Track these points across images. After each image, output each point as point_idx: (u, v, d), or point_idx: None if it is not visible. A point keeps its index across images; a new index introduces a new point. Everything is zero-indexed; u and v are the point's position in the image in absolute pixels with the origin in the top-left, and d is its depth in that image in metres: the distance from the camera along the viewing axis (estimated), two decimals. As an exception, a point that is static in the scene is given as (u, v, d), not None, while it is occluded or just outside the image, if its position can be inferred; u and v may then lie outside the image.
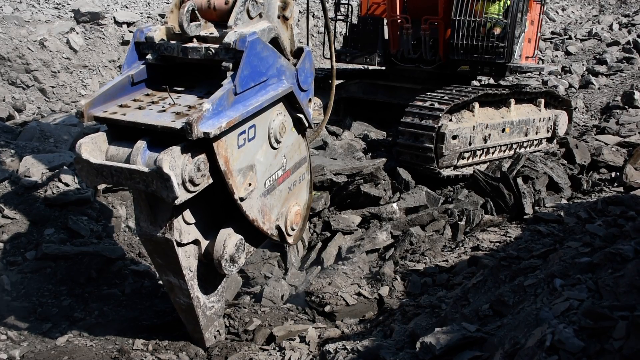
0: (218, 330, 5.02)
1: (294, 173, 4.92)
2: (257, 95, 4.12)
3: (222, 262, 4.32)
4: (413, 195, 7.93)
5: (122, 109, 4.02)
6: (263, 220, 4.54)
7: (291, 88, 4.47)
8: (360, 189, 7.78)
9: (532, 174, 8.48)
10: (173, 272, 4.39)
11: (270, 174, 4.52)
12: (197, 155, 3.76)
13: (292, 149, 4.81)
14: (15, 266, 6.04)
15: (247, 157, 4.15)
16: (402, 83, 11.07)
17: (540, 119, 10.97)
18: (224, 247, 4.33)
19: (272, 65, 4.26)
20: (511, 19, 9.41)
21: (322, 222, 7.49)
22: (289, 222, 4.93)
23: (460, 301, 4.84)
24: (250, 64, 3.96)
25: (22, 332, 5.15)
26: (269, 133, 4.38)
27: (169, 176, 3.53)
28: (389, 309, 5.46)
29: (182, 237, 4.18)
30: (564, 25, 23.86)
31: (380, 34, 10.86)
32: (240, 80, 3.88)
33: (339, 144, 9.55)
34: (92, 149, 3.90)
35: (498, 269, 5.08)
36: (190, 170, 3.71)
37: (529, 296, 4.11)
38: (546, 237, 6.07)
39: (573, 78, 16.16)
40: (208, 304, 4.74)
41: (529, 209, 7.68)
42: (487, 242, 6.71)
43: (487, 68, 9.99)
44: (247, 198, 4.23)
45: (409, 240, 6.72)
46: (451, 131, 8.92)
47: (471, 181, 8.66)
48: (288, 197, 4.90)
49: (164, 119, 3.78)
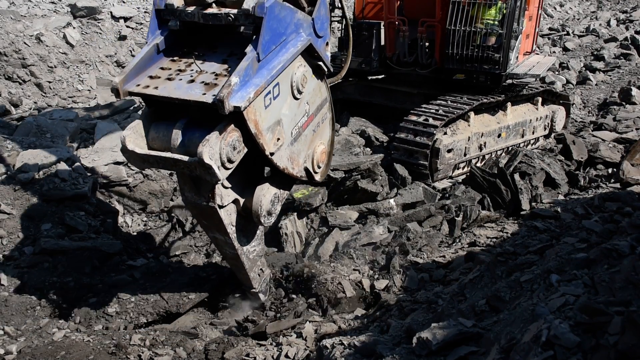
0: (261, 268, 5.52)
1: (317, 115, 5.10)
2: (279, 56, 4.22)
3: (260, 217, 4.73)
4: (410, 192, 7.93)
5: (153, 81, 4.15)
6: (292, 166, 4.81)
7: (309, 41, 4.56)
8: (358, 185, 7.78)
9: (529, 170, 8.49)
10: (218, 230, 4.80)
11: (295, 123, 4.71)
12: (232, 135, 3.98)
13: (314, 94, 4.97)
14: (12, 261, 6.03)
15: (274, 114, 4.33)
16: (398, 86, 10.94)
17: (537, 118, 10.94)
18: (261, 204, 4.69)
19: (290, 23, 4.34)
20: (507, 29, 9.27)
21: (320, 217, 7.49)
22: (316, 161, 5.19)
23: (457, 297, 4.85)
24: (270, 29, 4.04)
25: (19, 327, 5.15)
26: (291, 86, 4.52)
27: (210, 165, 3.80)
28: (386, 304, 5.47)
29: (223, 200, 4.55)
30: (562, 21, 23.84)
31: (376, 37, 10.65)
32: (262, 47, 3.98)
33: (337, 140, 9.53)
34: (135, 138, 4.12)
35: (495, 265, 5.08)
36: (227, 152, 3.97)
37: (525, 292, 4.12)
38: (543, 233, 6.08)
39: (570, 74, 16.15)
40: (250, 249, 5.20)
41: (526, 205, 7.69)
42: (484, 237, 6.72)
43: (483, 77, 9.82)
44: (278, 150, 4.47)
45: (406, 235, 6.72)
46: (446, 145, 8.83)
47: (469, 177, 8.66)
48: (313, 138, 5.12)
49: (195, 91, 3.94)
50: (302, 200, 7.39)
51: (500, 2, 9.23)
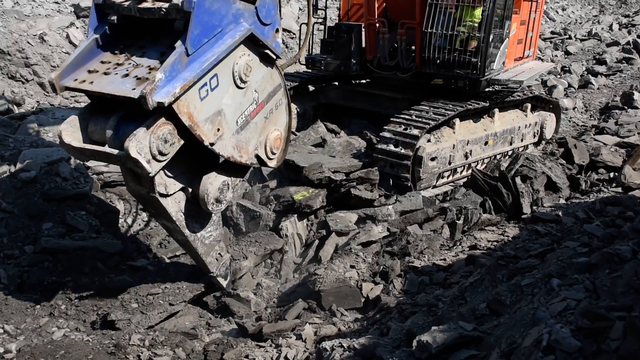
0: (219, 253, 5.54)
1: (270, 102, 5.14)
2: (213, 48, 4.26)
3: (208, 205, 4.80)
4: (410, 199, 7.87)
5: (91, 75, 4.25)
6: (240, 154, 4.88)
7: (250, 30, 4.55)
8: (351, 192, 7.70)
9: (531, 173, 8.48)
10: (166, 218, 4.87)
11: (241, 111, 4.76)
12: (162, 129, 4.09)
13: (263, 82, 5.00)
14: (12, 259, 6.03)
15: (212, 105, 4.39)
16: (381, 91, 10.59)
17: (526, 125, 10.67)
18: (207, 192, 4.76)
19: (226, 14, 4.35)
20: (485, 33, 8.90)
21: (319, 221, 7.48)
22: (269, 147, 5.25)
23: (457, 300, 4.84)
24: (200, 23, 4.07)
25: (19, 326, 5.14)
26: (233, 76, 4.56)
27: (137, 159, 3.95)
28: (386, 307, 5.46)
29: (169, 189, 4.61)
30: (564, 25, 23.84)
31: (356, 40, 10.30)
32: (191, 41, 4.04)
33: (338, 142, 9.52)
34: (72, 131, 4.26)
35: (495, 268, 5.08)
36: (158, 145, 4.08)
37: (526, 296, 4.11)
38: (544, 236, 6.08)
39: (572, 78, 16.15)
40: (206, 235, 5.26)
41: (527, 209, 7.68)
42: (485, 241, 6.71)
43: (462, 82, 9.45)
44: (219, 140, 4.53)
45: (406, 239, 6.71)
46: (429, 154, 8.43)
47: (470, 180, 8.65)
48: (265, 125, 5.16)
49: (126, 86, 4.04)
50: (302, 202, 7.38)
51: (482, 5, 8.88)
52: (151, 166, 4.10)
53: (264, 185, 8.13)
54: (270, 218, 7.29)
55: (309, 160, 8.18)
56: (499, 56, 9.67)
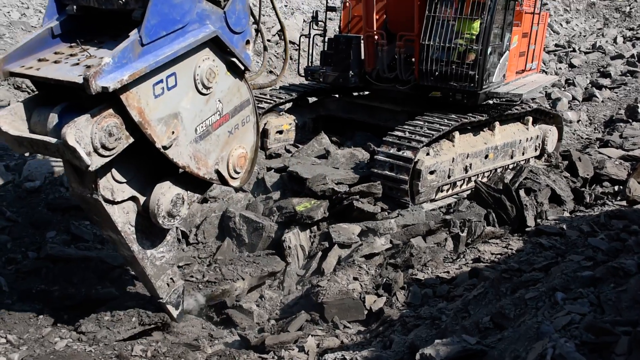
0: (171, 278, 5.11)
1: (235, 116, 4.93)
2: (172, 44, 4.07)
3: (158, 217, 4.46)
4: (412, 213, 7.84)
5: (40, 63, 4.04)
6: (197, 166, 4.60)
7: (215, 33, 4.40)
8: (354, 204, 7.68)
9: (535, 186, 8.45)
10: (111, 228, 4.49)
11: (202, 119, 4.54)
12: (108, 121, 3.82)
13: (230, 93, 4.82)
14: (13, 264, 6.03)
15: (168, 106, 4.17)
16: (381, 103, 10.56)
17: (527, 138, 10.59)
18: (158, 203, 4.43)
19: (190, 11, 4.18)
20: (483, 45, 8.87)
21: (322, 232, 7.48)
22: (232, 165, 4.99)
23: (461, 313, 4.82)
24: (157, 13, 3.90)
25: (22, 335, 5.13)
26: (194, 79, 4.37)
27: (75, 148, 3.64)
28: (388, 320, 5.44)
29: (116, 196, 4.31)
30: (568, 38, 23.90)
31: (354, 52, 10.28)
32: (146, 30, 3.83)
33: (341, 154, 9.53)
34: (12, 120, 3.99)
35: (499, 282, 5.06)
36: (101, 137, 3.79)
37: (530, 309, 4.09)
38: (548, 250, 6.05)
39: (576, 91, 16.16)
40: (157, 255, 4.86)
41: (531, 222, 7.65)
42: (489, 254, 6.68)
43: (459, 95, 9.34)
44: (174, 145, 4.28)
45: (409, 251, 6.70)
46: (428, 167, 8.32)
47: (473, 192, 8.63)
48: (229, 140, 4.92)
49: (72, 73, 3.77)
50: (304, 213, 7.38)
51: (480, 18, 8.87)
52: (91, 159, 3.77)
53: (267, 197, 8.14)
54: (273, 229, 7.29)
55: (312, 171, 8.18)
56: (499, 69, 9.66)
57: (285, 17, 17.34)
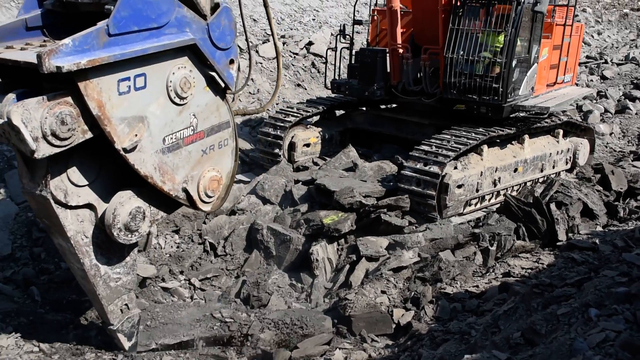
0: (126, 304, 4.72)
1: (211, 136, 4.76)
2: (144, 42, 3.97)
3: (113, 230, 4.16)
4: (440, 227, 7.77)
5: (6, 50, 3.98)
6: (162, 179, 4.36)
7: (193, 41, 4.30)
8: (381, 218, 7.63)
9: (566, 199, 8.31)
10: (60, 234, 4.23)
11: (172, 130, 4.36)
12: (62, 107, 3.64)
13: (207, 110, 4.67)
14: (46, 274, 6.14)
15: (133, 107, 4.01)
16: (408, 116, 10.51)
17: (558, 151, 10.40)
18: (114, 214, 4.16)
19: (167, 13, 4.10)
20: (507, 58, 8.81)
21: (349, 245, 7.46)
22: (202, 187, 4.76)
23: (491, 328, 4.75)
24: (130, 6, 3.82)
25: (54, 345, 5.21)
26: (167, 86, 4.24)
27: (19, 128, 3.45)
28: (417, 334, 5.39)
29: (70, 199, 4.08)
30: (600, 49, 23.54)
31: (379, 64, 10.27)
32: (115, 20, 3.74)
33: (369, 166, 9.51)
34: None
35: (530, 296, 4.97)
36: (52, 124, 3.60)
37: (563, 325, 4.01)
38: (580, 265, 5.93)
39: (609, 103, 15.88)
40: (112, 275, 4.50)
41: (562, 236, 7.52)
42: (519, 268, 6.58)
43: (484, 108, 9.24)
44: (138, 151, 4.09)
45: (438, 264, 6.63)
46: (456, 181, 8.21)
47: (503, 206, 8.52)
48: (201, 160, 4.72)
49: (32, 56, 3.54)
50: (331, 226, 7.38)
51: (504, 31, 8.79)
52: (38, 145, 3.55)
53: (294, 209, 8.16)
54: (300, 242, 7.30)
55: (340, 184, 8.19)
56: (526, 82, 9.57)
57: (314, 31, 17.45)
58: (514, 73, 9.08)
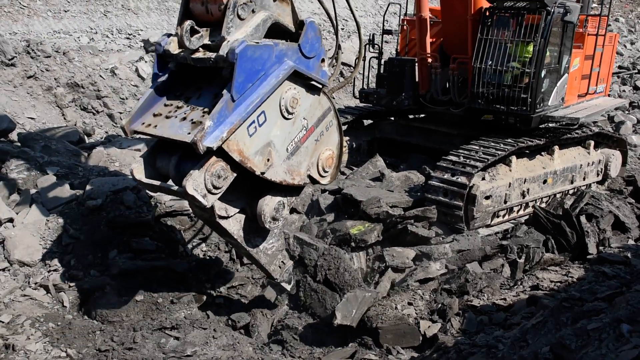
0: (282, 261, 6.00)
1: (320, 125, 5.43)
2: (258, 90, 4.62)
3: (265, 223, 5.27)
4: (468, 238, 7.68)
5: (155, 119, 4.83)
6: (292, 177, 5.27)
7: (293, 68, 4.85)
8: (407, 228, 7.58)
9: (597, 212, 8.15)
10: (228, 236, 5.41)
11: (291, 139, 5.12)
12: (215, 167, 4.56)
13: (312, 109, 5.29)
14: (76, 280, 6.24)
15: (262, 139, 4.79)
16: (437, 126, 10.47)
17: (589, 163, 10.19)
18: (263, 212, 5.20)
19: (269, 58, 4.68)
20: (536, 68, 8.72)
21: (375, 255, 7.41)
22: (321, 167, 5.57)
23: (519, 342, 4.67)
24: (243, 71, 4.45)
25: (81, 350, 5.29)
26: (280, 109, 4.89)
27: (193, 196, 4.47)
28: (443, 346, 5.32)
29: (229, 211, 5.15)
30: (633, 59, 23.11)
31: (408, 74, 10.30)
32: (235, 88, 4.43)
33: (396, 176, 9.46)
34: (142, 169, 4.87)
35: (559, 311, 4.87)
36: (212, 181, 4.56)
37: (593, 341, 3.92)
38: (612, 279, 5.81)
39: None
40: (268, 246, 5.75)
41: (592, 249, 7.38)
42: (548, 281, 6.48)
43: (512, 119, 9.15)
44: (271, 168, 4.94)
45: (465, 277, 6.56)
46: (483, 192, 8.17)
47: (532, 217, 8.40)
48: (317, 147, 5.48)
49: (183, 130, 4.55)
50: (357, 237, 7.34)
51: (533, 41, 8.72)
52: (207, 199, 4.57)
53: (321, 219, 8.15)
54: (327, 251, 7.28)
55: (367, 194, 8.15)
56: (556, 92, 9.44)
57: (343, 41, 17.50)
58: (543, 83, 8.98)
